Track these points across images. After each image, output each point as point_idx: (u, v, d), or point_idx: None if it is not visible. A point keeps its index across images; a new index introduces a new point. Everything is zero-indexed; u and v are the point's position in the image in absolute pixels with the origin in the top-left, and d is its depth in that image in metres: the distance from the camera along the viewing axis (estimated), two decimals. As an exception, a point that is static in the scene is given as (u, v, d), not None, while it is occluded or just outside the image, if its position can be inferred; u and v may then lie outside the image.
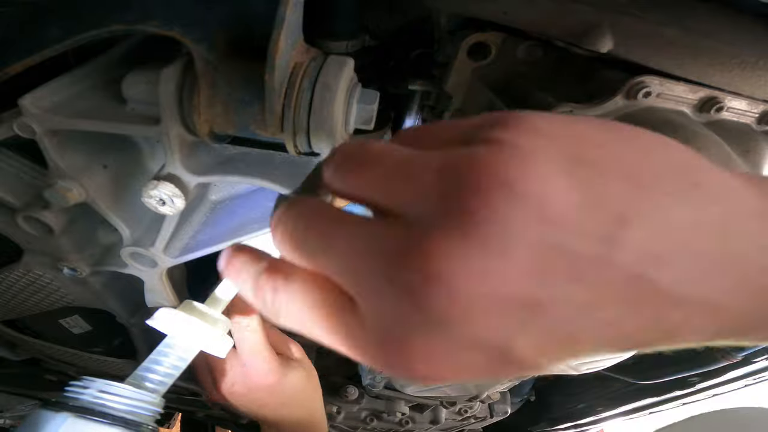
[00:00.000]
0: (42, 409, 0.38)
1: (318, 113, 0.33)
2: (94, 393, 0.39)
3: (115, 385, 0.39)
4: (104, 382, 0.39)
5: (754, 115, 0.41)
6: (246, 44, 0.33)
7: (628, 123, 0.21)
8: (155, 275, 0.49)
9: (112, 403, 0.39)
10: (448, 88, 0.48)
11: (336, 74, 0.33)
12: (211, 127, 0.34)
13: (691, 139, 0.36)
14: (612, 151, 0.17)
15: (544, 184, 0.16)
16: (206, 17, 0.32)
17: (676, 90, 0.39)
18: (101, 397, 0.39)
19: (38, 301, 0.56)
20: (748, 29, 0.35)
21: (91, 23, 0.32)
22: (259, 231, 0.44)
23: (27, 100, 0.34)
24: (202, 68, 0.32)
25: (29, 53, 0.34)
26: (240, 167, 0.38)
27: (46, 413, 0.37)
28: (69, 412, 0.37)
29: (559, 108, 0.39)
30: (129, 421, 0.39)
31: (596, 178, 0.16)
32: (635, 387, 1.15)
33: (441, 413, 1.14)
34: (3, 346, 0.75)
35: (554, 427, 1.43)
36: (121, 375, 0.80)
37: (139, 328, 0.64)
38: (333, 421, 1.11)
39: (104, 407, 0.38)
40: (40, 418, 0.37)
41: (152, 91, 0.34)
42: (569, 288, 0.16)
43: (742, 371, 0.96)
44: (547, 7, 0.34)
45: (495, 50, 0.44)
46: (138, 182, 0.43)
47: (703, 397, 1.09)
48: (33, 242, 0.46)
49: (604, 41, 0.35)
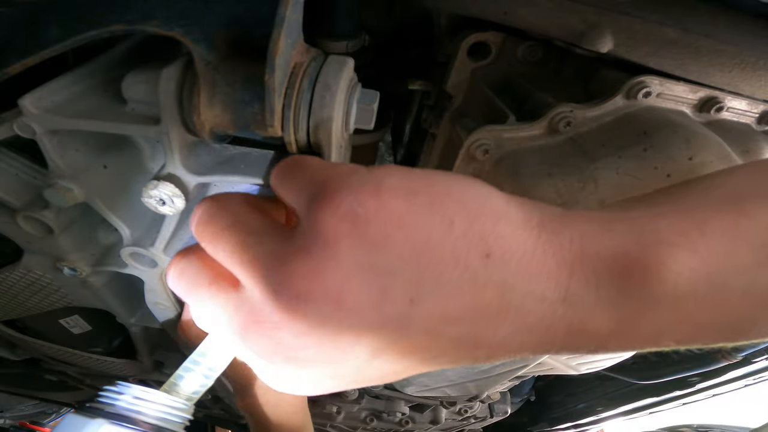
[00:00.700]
0: (77, 415, 0.37)
1: (318, 113, 0.33)
2: (129, 399, 0.39)
3: (150, 391, 0.39)
4: (139, 388, 0.40)
5: (754, 115, 0.41)
6: (246, 44, 0.33)
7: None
8: (155, 275, 0.49)
9: (146, 409, 0.39)
10: (448, 88, 0.48)
11: (336, 74, 0.33)
12: (211, 127, 0.34)
13: (691, 139, 0.36)
14: (408, 241, 0.21)
15: (345, 293, 0.21)
16: (206, 17, 0.32)
17: (676, 90, 0.39)
18: (136, 404, 0.39)
19: (38, 301, 0.56)
20: (748, 29, 0.35)
21: (91, 23, 0.32)
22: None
23: (27, 100, 0.34)
24: (202, 68, 0.32)
25: (29, 53, 0.34)
26: (240, 167, 0.38)
27: (81, 419, 0.37)
28: (104, 419, 0.37)
29: (559, 108, 0.39)
30: (162, 428, 0.39)
31: (390, 277, 0.21)
32: (635, 387, 1.16)
33: (441, 413, 1.14)
34: (3, 346, 0.75)
35: (554, 427, 1.43)
36: (120, 375, 0.80)
37: (139, 328, 0.64)
38: (333, 421, 1.11)
39: (139, 414, 0.38)
40: (75, 424, 0.37)
41: (152, 91, 0.34)
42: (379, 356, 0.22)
43: (742, 371, 0.97)
44: (547, 7, 0.34)
45: (495, 50, 0.44)
46: (138, 182, 0.43)
47: (702, 397, 1.09)
48: (33, 242, 0.46)
49: (604, 41, 0.35)
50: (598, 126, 0.40)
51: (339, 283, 0.21)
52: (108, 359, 0.74)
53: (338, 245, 0.21)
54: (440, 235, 0.21)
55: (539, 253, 0.22)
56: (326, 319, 0.21)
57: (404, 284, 0.21)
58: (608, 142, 0.39)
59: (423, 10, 0.46)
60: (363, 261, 0.21)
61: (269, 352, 0.23)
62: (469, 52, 0.45)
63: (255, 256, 0.23)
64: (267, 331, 0.22)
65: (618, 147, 0.38)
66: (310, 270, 0.21)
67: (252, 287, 0.23)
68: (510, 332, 0.22)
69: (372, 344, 0.22)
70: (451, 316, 0.21)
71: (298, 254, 0.21)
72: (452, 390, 0.87)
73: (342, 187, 0.22)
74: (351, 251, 0.21)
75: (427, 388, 0.85)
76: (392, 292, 0.21)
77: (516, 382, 1.11)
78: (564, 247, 0.22)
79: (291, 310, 0.21)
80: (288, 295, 0.21)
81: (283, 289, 0.21)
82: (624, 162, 0.37)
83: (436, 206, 0.22)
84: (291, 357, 0.23)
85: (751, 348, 0.91)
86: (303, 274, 0.21)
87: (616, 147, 0.38)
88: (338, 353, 0.22)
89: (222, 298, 0.25)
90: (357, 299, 0.21)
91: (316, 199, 0.22)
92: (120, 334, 0.73)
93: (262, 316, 0.22)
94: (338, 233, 0.21)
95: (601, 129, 0.39)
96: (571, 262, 0.21)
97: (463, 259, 0.21)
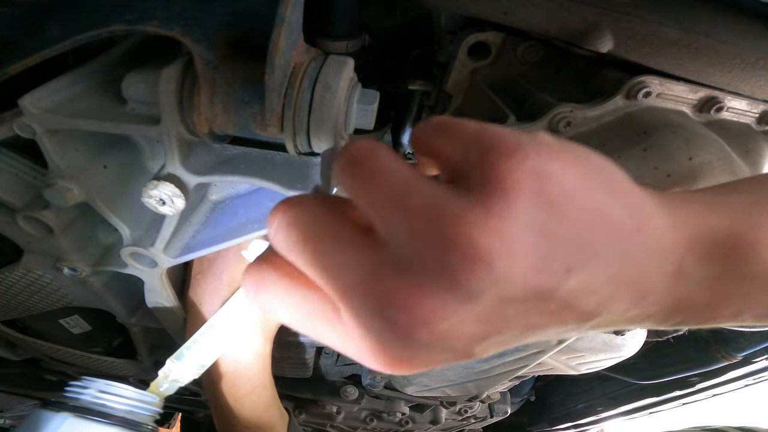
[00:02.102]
0: (42, 409, 0.38)
1: (318, 113, 0.33)
2: (94, 393, 0.39)
3: (114, 385, 0.39)
4: (104, 382, 0.40)
5: (754, 115, 0.41)
6: (246, 44, 0.33)
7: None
8: (155, 275, 0.49)
9: (112, 403, 0.39)
10: (448, 88, 0.48)
11: (336, 74, 0.33)
12: (211, 127, 0.34)
13: (690, 139, 0.36)
14: (581, 208, 0.20)
15: (511, 257, 0.19)
16: (206, 17, 0.32)
17: (676, 90, 0.39)
18: (101, 397, 0.39)
19: (38, 301, 0.56)
20: (748, 29, 0.35)
21: (91, 23, 0.32)
22: (260, 231, 0.44)
23: (27, 100, 0.34)
24: (202, 68, 0.32)
25: (29, 53, 0.34)
26: (240, 167, 0.38)
27: (46, 413, 0.37)
28: (69, 412, 0.37)
29: (559, 108, 0.39)
30: (128, 420, 0.39)
31: (556, 242, 0.20)
32: (635, 387, 1.15)
33: (441, 413, 1.14)
34: (3, 346, 0.75)
35: (554, 427, 1.43)
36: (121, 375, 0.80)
37: (139, 328, 0.64)
38: (333, 421, 1.11)
39: (104, 407, 0.38)
40: (40, 418, 0.37)
41: (152, 91, 0.34)
42: (518, 320, 0.20)
43: (742, 371, 0.96)
44: (547, 7, 0.34)
45: (495, 50, 0.44)
46: (138, 182, 0.43)
47: (702, 397, 1.09)
48: (33, 242, 0.46)
49: (604, 41, 0.35)
50: (598, 126, 0.40)
51: (514, 240, 0.19)
52: (108, 359, 0.74)
53: (518, 199, 0.19)
54: (606, 206, 0.21)
55: (667, 229, 0.23)
56: (498, 281, 0.19)
57: (567, 251, 0.20)
58: (608, 142, 0.39)
59: (423, 10, 0.46)
60: (536, 220, 0.19)
61: (415, 321, 0.19)
62: (469, 52, 0.45)
63: (421, 202, 0.20)
64: (420, 297, 0.19)
65: (618, 147, 0.38)
66: (489, 226, 0.19)
67: (409, 239, 0.19)
68: (629, 305, 0.22)
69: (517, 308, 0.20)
70: (593, 288, 0.21)
71: (476, 206, 0.19)
72: (452, 390, 0.87)
73: (525, 143, 0.20)
74: (528, 208, 0.19)
75: (427, 388, 0.85)
76: (554, 257, 0.19)
77: (516, 382, 1.11)
78: (682, 224, 0.23)
79: (470, 269, 0.18)
80: (466, 251, 0.18)
81: (460, 246, 0.18)
82: (624, 162, 0.37)
83: (601, 177, 0.21)
84: (442, 326, 0.19)
85: (751, 348, 0.91)
86: (482, 228, 0.18)
87: (616, 147, 0.38)
88: (483, 316, 0.20)
89: (360, 252, 0.20)
90: (524, 261, 0.19)
91: (495, 150, 0.20)
92: (120, 334, 0.73)
93: (419, 276, 0.19)
94: (521, 186, 0.19)
95: (601, 129, 0.39)
96: (688, 238, 0.23)
97: (621, 232, 0.21)
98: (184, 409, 1.37)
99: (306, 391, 1.00)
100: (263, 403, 0.60)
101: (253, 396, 0.58)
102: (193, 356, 0.49)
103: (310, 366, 0.87)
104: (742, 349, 0.92)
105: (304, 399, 1.04)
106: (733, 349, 0.93)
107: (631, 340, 0.80)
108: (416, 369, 0.21)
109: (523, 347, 0.64)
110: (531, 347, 0.64)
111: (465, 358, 0.21)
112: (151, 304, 0.55)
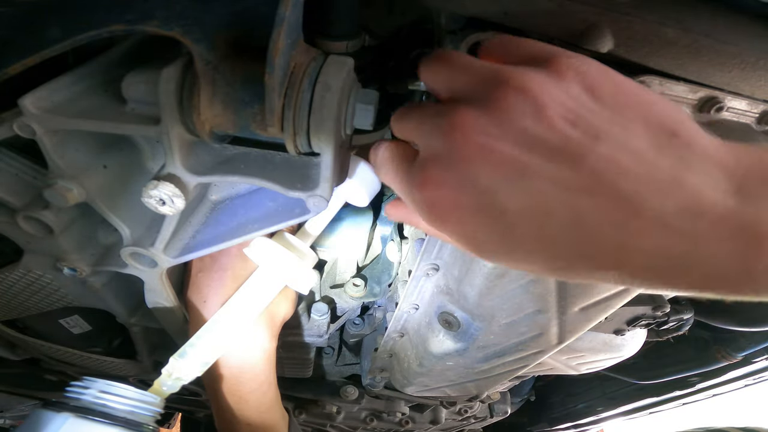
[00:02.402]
0: (43, 409, 0.38)
1: (318, 113, 0.33)
2: (95, 393, 0.39)
3: (116, 385, 0.39)
4: (105, 382, 0.40)
5: (754, 115, 0.41)
6: (246, 44, 0.33)
7: None
8: (155, 275, 0.49)
9: (113, 403, 0.39)
10: (448, 88, 0.48)
11: (336, 74, 0.33)
12: (211, 127, 0.34)
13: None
14: (615, 92, 0.25)
15: (546, 102, 0.24)
16: (206, 17, 0.32)
17: (676, 90, 0.39)
18: (102, 398, 0.39)
19: (38, 301, 0.56)
20: (748, 29, 0.35)
21: (91, 23, 0.32)
22: (260, 231, 0.44)
23: (27, 100, 0.34)
24: (202, 68, 0.32)
25: (29, 53, 0.34)
26: (240, 167, 0.38)
27: (47, 413, 0.37)
28: (70, 412, 0.37)
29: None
30: (129, 421, 0.39)
31: (586, 111, 0.24)
32: (635, 387, 1.16)
33: (441, 413, 1.14)
34: (3, 346, 0.75)
35: (554, 427, 1.43)
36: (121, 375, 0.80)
37: (139, 328, 0.64)
38: (333, 421, 1.11)
39: (105, 407, 0.38)
40: (41, 418, 0.37)
41: (152, 91, 0.34)
42: (547, 165, 0.24)
43: (742, 371, 0.97)
44: (547, 7, 0.34)
45: (495, 50, 0.44)
46: (138, 182, 0.43)
47: (702, 397, 1.09)
48: (33, 242, 0.46)
49: (604, 41, 0.35)
50: (598, 126, 0.40)
51: (553, 97, 0.25)
52: (108, 359, 0.74)
53: (566, 77, 0.25)
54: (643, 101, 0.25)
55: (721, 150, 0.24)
56: (532, 113, 0.24)
57: (595, 120, 0.24)
58: (608, 142, 0.39)
59: (423, 10, 0.46)
60: (577, 97, 0.25)
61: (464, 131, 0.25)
62: (470, 52, 0.45)
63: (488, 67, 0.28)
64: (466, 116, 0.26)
65: (618, 147, 0.38)
66: (540, 80, 0.25)
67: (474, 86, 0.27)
68: (678, 210, 0.22)
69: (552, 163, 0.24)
70: (623, 165, 0.23)
71: (537, 73, 0.26)
72: (452, 390, 0.86)
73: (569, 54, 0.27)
74: (573, 85, 0.25)
75: (427, 388, 0.85)
76: (583, 122, 0.24)
77: (516, 382, 1.11)
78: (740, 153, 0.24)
79: (513, 94, 0.25)
80: (516, 85, 0.25)
81: (511, 82, 0.25)
82: (624, 162, 0.37)
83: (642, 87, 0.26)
84: (480, 139, 0.25)
85: (751, 348, 0.91)
86: (536, 81, 0.25)
87: (616, 147, 0.38)
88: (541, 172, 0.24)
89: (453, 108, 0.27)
90: (558, 110, 0.24)
91: (563, 53, 0.27)
92: (120, 334, 0.73)
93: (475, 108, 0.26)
94: (568, 71, 0.25)
95: (601, 129, 0.39)
96: (748, 165, 0.23)
97: (654, 126, 0.24)
98: (184, 409, 1.37)
99: (306, 391, 1.00)
100: (268, 402, 0.59)
101: (258, 393, 0.57)
102: (197, 353, 0.48)
103: (310, 366, 0.87)
104: (742, 349, 0.92)
105: (304, 399, 1.04)
106: (733, 349, 0.93)
107: (631, 340, 0.80)
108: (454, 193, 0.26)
109: (523, 347, 0.64)
110: (531, 347, 0.64)
111: (491, 205, 0.25)
112: (151, 304, 0.55)
